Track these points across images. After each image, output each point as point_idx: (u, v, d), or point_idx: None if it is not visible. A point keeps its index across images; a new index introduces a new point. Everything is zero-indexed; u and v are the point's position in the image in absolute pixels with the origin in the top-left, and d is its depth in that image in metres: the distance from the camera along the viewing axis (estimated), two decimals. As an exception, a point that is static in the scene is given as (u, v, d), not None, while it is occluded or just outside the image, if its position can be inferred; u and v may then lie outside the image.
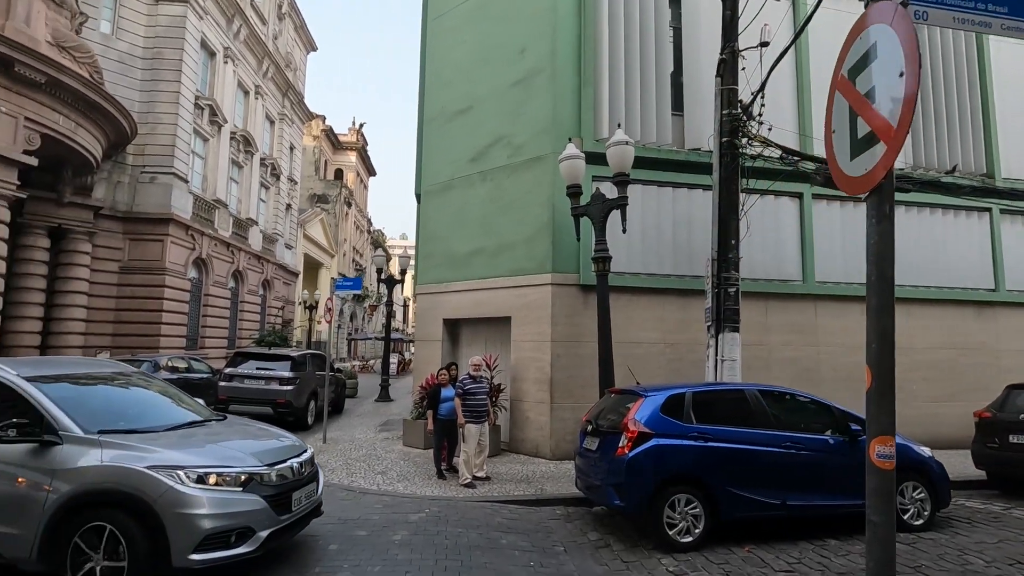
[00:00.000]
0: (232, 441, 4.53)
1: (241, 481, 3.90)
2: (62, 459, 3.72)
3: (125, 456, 3.75)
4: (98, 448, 3.77)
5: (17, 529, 3.63)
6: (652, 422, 5.40)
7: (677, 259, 9.49)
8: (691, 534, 5.17)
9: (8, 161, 12.86)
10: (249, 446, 4.42)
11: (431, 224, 11.16)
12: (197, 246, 20.46)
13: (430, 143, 11.47)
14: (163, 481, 3.65)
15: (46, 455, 3.75)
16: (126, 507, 3.61)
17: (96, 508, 3.63)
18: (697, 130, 9.69)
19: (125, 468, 3.69)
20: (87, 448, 3.76)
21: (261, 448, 4.43)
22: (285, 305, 30.46)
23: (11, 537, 3.64)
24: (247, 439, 4.71)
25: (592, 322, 8.90)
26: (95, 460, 3.71)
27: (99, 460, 3.71)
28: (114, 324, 18.15)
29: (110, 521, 3.58)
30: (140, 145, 18.65)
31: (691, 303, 9.31)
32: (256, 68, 26.17)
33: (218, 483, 3.81)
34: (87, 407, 4.20)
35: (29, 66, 12.78)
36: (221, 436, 4.65)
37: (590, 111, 9.30)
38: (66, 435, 3.80)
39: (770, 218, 9.72)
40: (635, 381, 6.46)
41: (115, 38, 18.82)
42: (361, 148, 48.37)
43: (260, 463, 4.11)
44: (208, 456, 4.01)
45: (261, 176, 27.30)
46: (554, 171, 9.10)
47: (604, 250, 7.82)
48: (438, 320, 10.70)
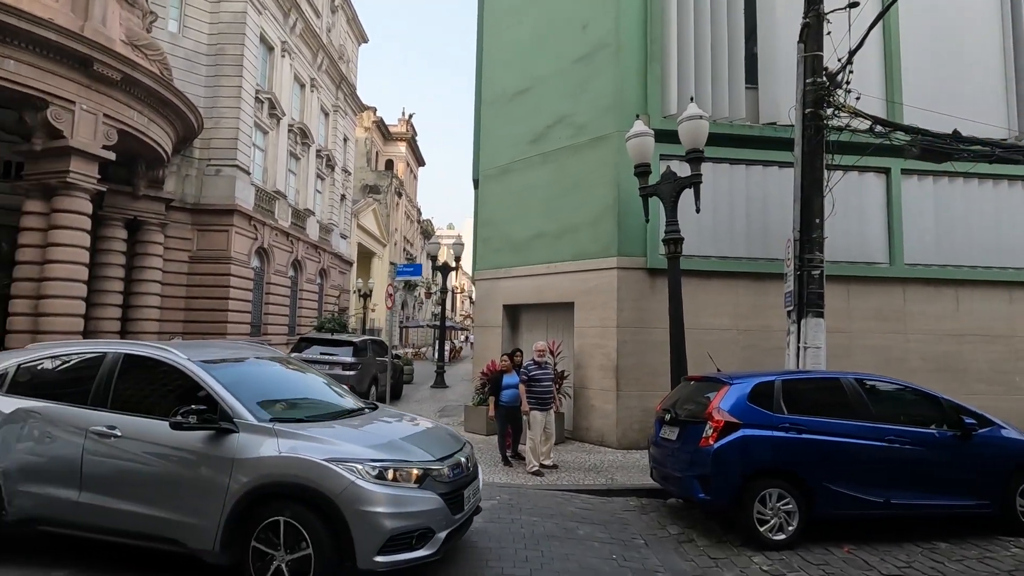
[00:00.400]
0: (398, 434, 4.19)
1: (417, 477, 3.62)
2: (239, 448, 3.54)
3: (302, 447, 3.52)
4: (273, 438, 3.56)
5: (199, 520, 3.51)
6: (739, 411, 5.07)
7: (751, 241, 8.97)
8: (784, 532, 4.83)
9: (90, 156, 13.55)
10: (416, 439, 4.11)
11: (490, 209, 11.02)
12: (259, 236, 21.17)
13: (488, 126, 11.30)
14: (344, 476, 3.40)
15: (223, 444, 3.57)
16: (307, 502, 3.40)
17: (277, 501, 3.45)
18: (772, 103, 9.09)
19: (305, 460, 3.44)
20: (263, 437, 3.57)
21: (429, 441, 4.12)
22: (341, 293, 31.24)
23: (194, 528, 3.53)
24: (411, 431, 4.36)
25: (660, 307, 8.55)
26: (272, 451, 3.50)
27: (276, 451, 3.49)
28: (185, 311, 19.05)
29: (292, 516, 3.38)
30: (206, 139, 19.38)
31: (766, 287, 8.80)
32: (311, 61, 26.70)
33: (396, 479, 3.54)
34: (253, 393, 4.01)
35: (106, 64, 13.38)
36: (385, 427, 4.35)
37: (657, 86, 8.87)
38: (241, 423, 3.63)
39: (853, 196, 9.03)
40: (715, 368, 6.11)
41: (181, 36, 19.55)
42: (410, 138, 48.87)
43: (433, 457, 3.82)
44: (382, 449, 3.72)
45: (317, 167, 27.95)
46: (619, 150, 8.75)
47: (676, 231, 7.44)
48: (497, 306, 10.57)
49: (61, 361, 4.35)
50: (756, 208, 9.04)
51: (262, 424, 3.65)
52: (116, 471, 3.71)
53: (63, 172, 13.17)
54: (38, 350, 4.54)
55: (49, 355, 4.40)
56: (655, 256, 8.59)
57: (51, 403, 3.99)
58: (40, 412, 3.94)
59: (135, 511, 3.62)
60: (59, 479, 3.77)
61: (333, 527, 3.35)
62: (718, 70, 9.02)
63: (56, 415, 3.91)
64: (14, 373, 4.24)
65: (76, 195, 13.51)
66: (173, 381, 3.97)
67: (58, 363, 4.34)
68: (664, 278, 8.49)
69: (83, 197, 13.68)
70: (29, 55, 12.24)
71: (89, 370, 4.10)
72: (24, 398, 4.05)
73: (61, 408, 3.94)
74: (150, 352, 4.12)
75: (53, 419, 3.89)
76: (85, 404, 3.91)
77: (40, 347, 4.65)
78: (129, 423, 3.76)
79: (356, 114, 35.07)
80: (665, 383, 8.23)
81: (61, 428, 3.85)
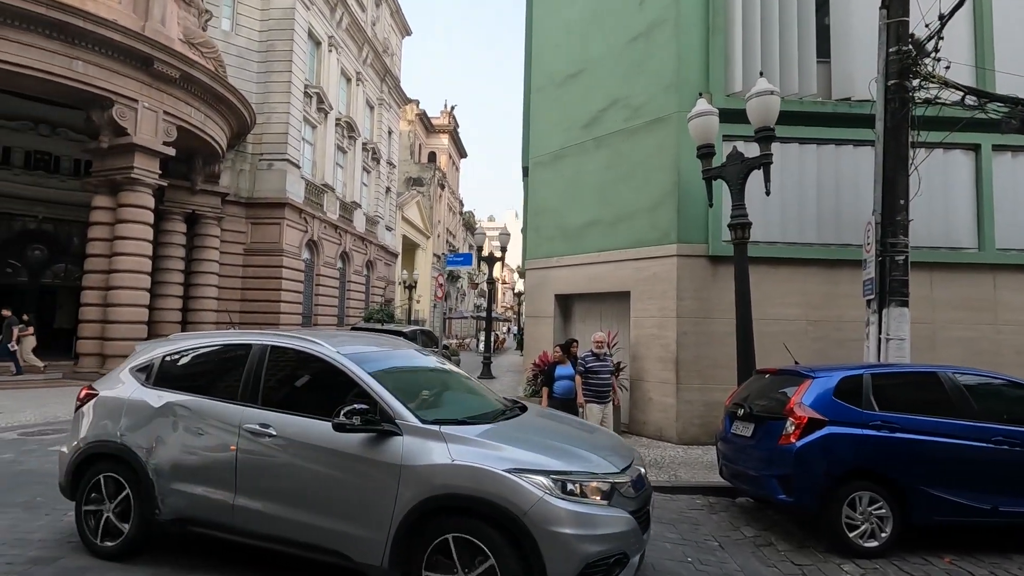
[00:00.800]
0: (570, 439, 3.69)
1: (605, 492, 3.11)
2: (407, 454, 3.15)
3: (475, 454, 3.09)
4: (442, 443, 3.14)
5: (366, 531, 3.17)
6: (824, 407, 4.69)
7: (821, 225, 8.41)
8: (875, 538, 4.44)
9: (152, 152, 14.06)
10: (591, 445, 3.58)
11: (541, 196, 10.77)
12: (309, 228, 21.59)
13: (538, 112, 11.03)
14: (531, 490, 2.93)
15: (388, 448, 3.19)
16: (487, 518, 2.96)
17: (452, 515, 3.05)
18: (846, 77, 8.46)
19: (483, 470, 3.00)
20: (430, 442, 3.16)
21: (604, 448, 3.59)
22: (387, 285, 31.69)
23: (360, 540, 3.18)
24: (581, 436, 3.86)
25: (723, 296, 8.15)
26: (443, 457, 3.08)
27: (448, 458, 3.07)
28: (240, 302, 19.65)
29: (472, 533, 2.97)
30: (258, 134, 19.85)
31: (838, 275, 8.25)
32: (357, 55, 26.98)
33: (583, 494, 3.04)
34: (409, 391, 3.65)
35: (166, 63, 13.81)
36: (552, 431, 3.88)
37: (720, 62, 8.39)
38: (404, 425, 3.24)
39: (937, 175, 8.31)
40: (792, 361, 5.71)
41: (234, 34, 20.04)
42: (453, 130, 49.01)
43: (616, 468, 3.30)
44: (563, 457, 3.22)
45: (363, 160, 28.32)
46: (679, 132, 8.35)
47: (743, 215, 7.01)
48: (549, 296, 10.35)
49: (206, 352, 4.14)
50: (827, 191, 8.46)
51: (427, 427, 3.25)
52: (273, 473, 3.45)
53: (128, 168, 13.69)
54: (180, 340, 4.32)
55: (193, 346, 4.19)
56: (717, 243, 8.17)
57: (200, 397, 3.78)
58: (190, 407, 3.76)
59: (295, 518, 3.33)
60: (213, 479, 3.58)
61: (520, 550, 2.91)
62: (787, 43, 8.45)
63: (207, 410, 3.71)
64: (159, 365, 4.08)
65: (140, 190, 14.04)
66: (323, 376, 3.65)
67: (203, 354, 4.13)
68: (727, 266, 8.09)
69: (146, 192, 14.20)
70: (95, 56, 12.72)
71: (235, 362, 3.86)
72: (172, 391, 3.89)
73: (211, 403, 3.73)
74: (298, 344, 3.79)
75: (203, 415, 3.70)
76: (235, 399, 3.68)
77: (181, 337, 4.43)
78: (283, 421, 3.48)
79: (400, 107, 35.36)
80: (728, 376, 7.83)
81: (213, 425, 3.65)
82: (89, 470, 3.93)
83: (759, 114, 6.82)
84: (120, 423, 3.88)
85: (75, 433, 4.08)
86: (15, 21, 11.48)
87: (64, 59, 12.18)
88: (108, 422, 3.94)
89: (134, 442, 3.80)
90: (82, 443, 3.97)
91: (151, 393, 3.93)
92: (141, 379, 4.07)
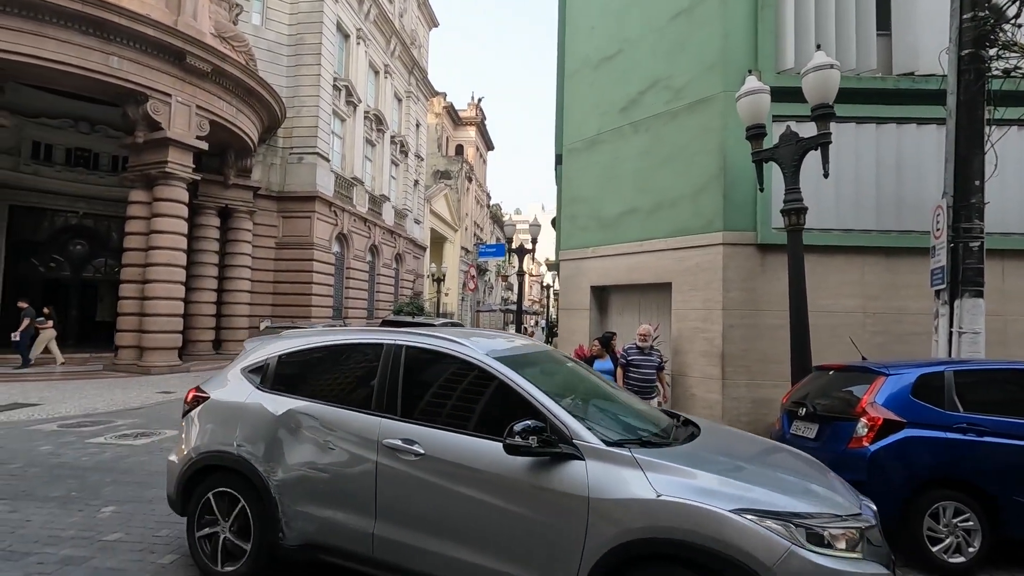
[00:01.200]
0: (785, 467, 3.04)
1: (854, 540, 2.45)
2: (594, 484, 2.55)
3: (688, 488, 2.47)
4: (637, 470, 2.55)
5: None
6: (901, 407, 4.25)
7: (881, 211, 7.83)
8: (962, 553, 4.01)
9: (185, 147, 14.18)
10: (812, 476, 2.94)
11: (575, 185, 10.40)
12: (339, 222, 21.66)
13: (572, 97, 10.63)
14: (776, 539, 2.30)
15: (566, 475, 2.61)
16: (711, 570, 2.36)
17: (661, 565, 2.45)
18: (909, 50, 7.83)
19: (704, 510, 2.38)
20: (622, 470, 2.57)
21: (828, 479, 2.98)
22: (416, 278, 31.71)
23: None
24: (794, 463, 3.17)
25: (772, 287, 7.68)
26: (644, 490, 2.48)
27: (651, 491, 2.46)
28: (273, 295, 19.85)
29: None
30: (288, 128, 19.94)
31: (898, 264, 7.67)
32: (384, 47, 26.90)
33: (833, 543, 2.38)
34: (579, 405, 3.10)
35: (198, 57, 13.87)
36: (760, 457, 3.25)
37: (770, 37, 7.86)
38: (584, 447, 2.66)
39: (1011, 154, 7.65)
40: (860, 356, 5.27)
41: (264, 28, 20.13)
42: (480, 123, 48.74)
43: (857, 508, 2.63)
44: (799, 495, 2.57)
45: (391, 153, 28.30)
46: (725, 113, 7.87)
47: (798, 200, 6.53)
48: (584, 288, 9.99)
49: (327, 352, 3.59)
50: (887, 173, 7.87)
51: (614, 450, 2.64)
52: (422, 498, 2.92)
53: (162, 162, 13.83)
54: (295, 337, 3.81)
55: (312, 344, 3.65)
56: (767, 230, 7.69)
57: (327, 405, 3.30)
58: (317, 416, 3.27)
59: (452, 556, 2.81)
60: (348, 502, 3.09)
61: None
62: (843, 15, 7.87)
63: (337, 421, 3.21)
64: (275, 366, 3.61)
65: (174, 184, 14.17)
66: (472, 383, 3.10)
67: (324, 354, 3.60)
68: (777, 255, 7.62)
69: (180, 186, 14.34)
70: (130, 51, 12.83)
71: (366, 364, 3.38)
72: (293, 396, 3.42)
73: (342, 412, 3.23)
74: (437, 344, 3.24)
75: (333, 425, 3.21)
76: (368, 408, 3.18)
77: (296, 334, 3.92)
78: (431, 437, 2.95)
79: (427, 99, 35.25)
80: (778, 372, 7.38)
81: (345, 438, 3.15)
82: (201, 484, 3.50)
83: (817, 90, 6.31)
84: (236, 432, 3.44)
85: (185, 441, 3.65)
86: (54, 18, 11.64)
87: (100, 55, 12.31)
88: (222, 430, 3.51)
89: (253, 454, 3.34)
90: (193, 453, 3.54)
91: (269, 398, 3.47)
92: (255, 381, 3.60)
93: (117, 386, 11.65)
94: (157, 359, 13.76)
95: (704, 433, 3.28)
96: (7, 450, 6.40)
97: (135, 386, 11.70)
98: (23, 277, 18.49)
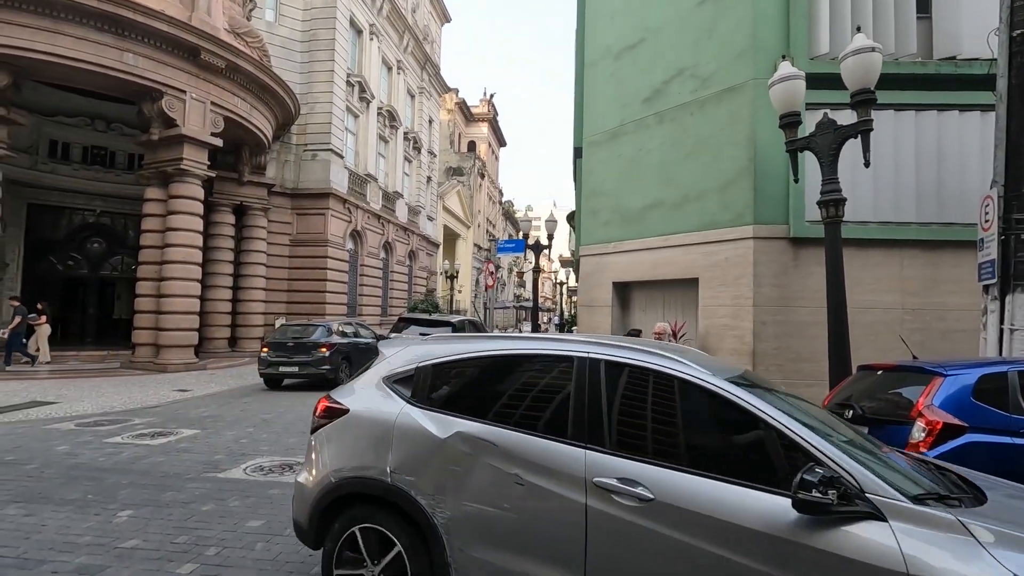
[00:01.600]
0: None
1: None
2: (911, 556, 1.88)
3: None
4: (969, 540, 1.88)
5: None
6: (961, 410, 3.96)
7: (920, 202, 7.49)
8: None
9: (200, 143, 14.11)
10: None
11: (596, 178, 10.14)
12: (353, 219, 21.55)
13: (592, 88, 10.36)
14: None
15: (864, 539, 1.97)
16: None
17: None
18: (951, 34, 7.48)
19: None
20: (946, 537, 1.91)
21: None
22: (430, 275, 31.60)
23: None
24: None
25: (806, 282, 7.39)
26: (992, 572, 1.80)
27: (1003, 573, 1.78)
28: (287, 292, 19.80)
29: None
30: (302, 124, 19.85)
31: (940, 257, 7.34)
32: (397, 43, 26.73)
33: None
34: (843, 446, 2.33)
35: (213, 53, 13.78)
36: None
37: (802, 23, 7.54)
38: (883, 503, 2.02)
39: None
40: (910, 355, 4.98)
41: (277, 24, 20.03)
42: (492, 119, 48.50)
43: None
44: None
45: (404, 150, 28.16)
46: (755, 101, 7.58)
47: (836, 191, 6.20)
48: (606, 284, 9.74)
49: (499, 363, 2.95)
50: (927, 163, 7.53)
51: (928, 511, 2.00)
52: (653, 558, 2.28)
53: (177, 159, 13.77)
54: (449, 343, 3.16)
55: (478, 353, 2.99)
56: (800, 223, 7.39)
57: (508, 429, 2.66)
58: (496, 442, 2.63)
59: None
60: (544, 553, 2.47)
61: None
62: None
63: (525, 450, 2.57)
64: (429, 376, 2.97)
65: (189, 181, 14.11)
66: (709, 413, 2.51)
67: (495, 366, 2.95)
68: (811, 249, 7.34)
69: (195, 183, 14.28)
70: (144, 47, 12.76)
71: (551, 381, 2.78)
72: (457, 415, 2.79)
73: (532, 440, 2.58)
74: (651, 362, 2.61)
75: (520, 455, 2.57)
76: (565, 437, 2.55)
77: (449, 340, 3.25)
78: (662, 479, 2.31)
79: (440, 95, 35.06)
80: (813, 371, 7.11)
81: (540, 472, 2.51)
82: (343, 515, 2.89)
83: (857, 75, 5.99)
84: (388, 455, 2.82)
85: (319, 461, 3.05)
86: (69, 15, 11.59)
87: (115, 51, 12.26)
88: (369, 452, 2.89)
89: (413, 484, 2.73)
90: (333, 477, 2.92)
91: (428, 416, 2.85)
92: (404, 394, 2.98)
93: (134, 384, 11.61)
94: (174, 357, 13.74)
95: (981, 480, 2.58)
96: (25, 450, 6.31)
97: (152, 384, 11.65)
98: (42, 275, 18.63)
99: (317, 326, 12.15)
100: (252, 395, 10.75)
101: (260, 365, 11.60)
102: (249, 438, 7.17)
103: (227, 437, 7.18)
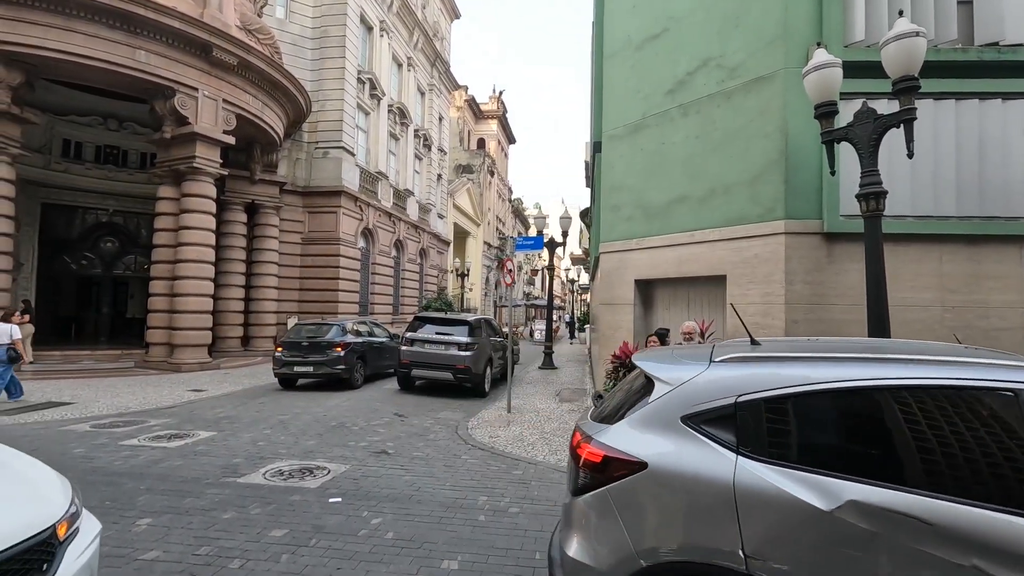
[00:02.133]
0: None
1: None
2: None
3: None
4: None
5: None
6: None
7: (961, 195, 7.18)
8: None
9: (212, 141, 14.00)
10: None
11: (617, 173, 9.88)
12: (364, 217, 21.41)
13: (612, 81, 10.10)
14: None
15: None
16: None
17: None
18: (993, 18, 7.15)
19: None
20: None
21: None
22: (440, 273, 31.44)
23: None
24: None
25: (840, 279, 7.10)
26: None
27: None
28: (299, 291, 19.70)
29: None
30: (313, 122, 19.72)
31: (981, 253, 7.02)
32: (407, 39, 26.54)
33: None
34: None
35: (225, 50, 13.66)
36: None
37: (836, 8, 7.24)
38: None
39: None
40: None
41: (288, 21, 19.90)
42: (501, 116, 48.22)
43: None
44: None
45: (415, 147, 27.99)
46: (786, 91, 7.29)
47: (876, 183, 5.91)
48: (628, 281, 9.49)
49: (877, 397, 2.10)
50: (968, 154, 7.21)
51: None
52: None
53: (190, 157, 13.66)
54: (777, 364, 2.31)
55: (843, 383, 2.14)
56: (834, 217, 7.10)
57: (937, 499, 1.89)
58: (926, 520, 1.88)
59: None
60: None
61: None
62: (918, -19, 7.21)
63: (984, 531, 1.83)
64: (762, 417, 2.18)
65: (202, 179, 14.01)
66: None
67: (872, 402, 2.11)
68: (845, 244, 7.06)
69: (208, 181, 14.17)
70: (156, 44, 12.65)
71: (979, 424, 2.01)
72: (841, 477, 2.00)
73: (987, 516, 1.84)
74: None
75: (974, 539, 1.83)
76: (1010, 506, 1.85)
77: (777, 363, 2.32)
78: None
79: (450, 92, 34.85)
80: (848, 371, 6.83)
81: (1013, 565, 1.78)
82: None
83: (899, 61, 5.69)
84: (733, 531, 2.06)
85: (610, 535, 2.26)
86: (81, 12, 11.50)
87: (127, 49, 12.16)
88: (699, 526, 2.14)
89: (785, 574, 1.99)
90: (645, 560, 2.16)
91: (787, 476, 2.06)
92: (725, 440, 2.19)
93: (149, 384, 11.52)
94: (187, 356, 13.66)
95: None
96: (41, 453, 6.18)
97: (166, 384, 11.56)
98: (56, 274, 18.66)
99: (331, 325, 12.00)
100: (267, 395, 10.62)
101: (275, 365, 11.48)
102: (267, 440, 7.01)
103: (244, 439, 7.03)
